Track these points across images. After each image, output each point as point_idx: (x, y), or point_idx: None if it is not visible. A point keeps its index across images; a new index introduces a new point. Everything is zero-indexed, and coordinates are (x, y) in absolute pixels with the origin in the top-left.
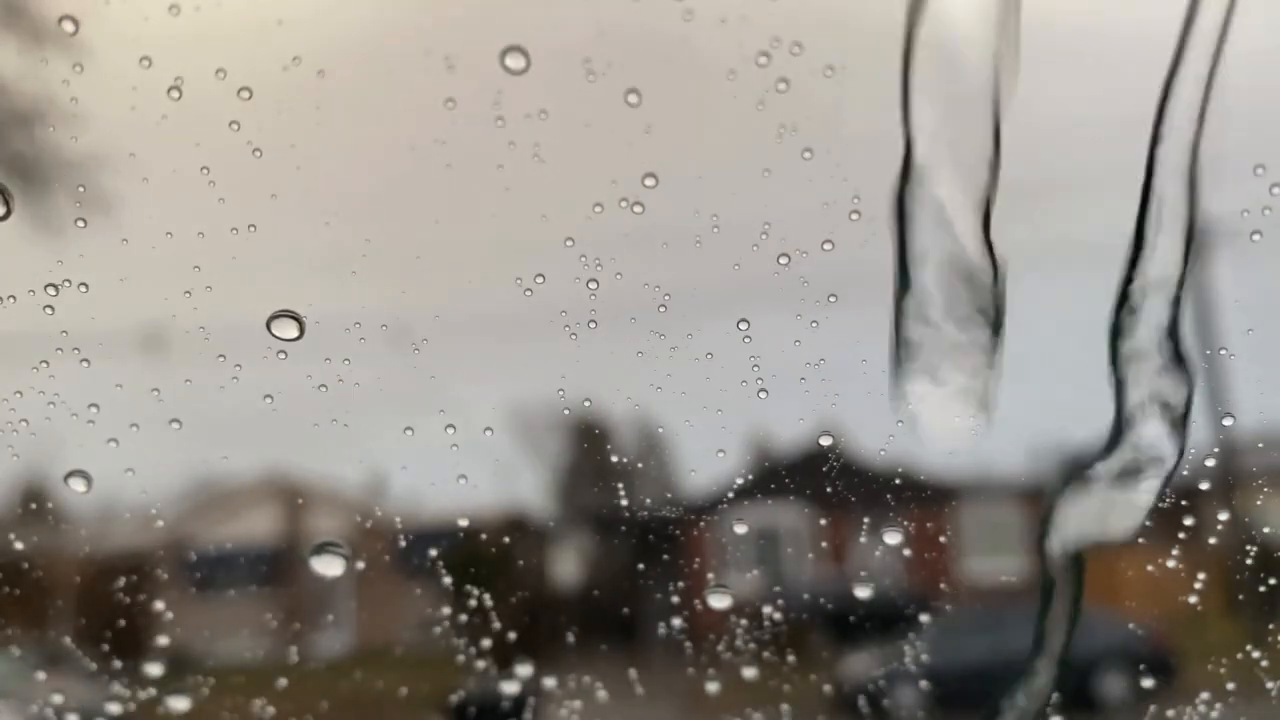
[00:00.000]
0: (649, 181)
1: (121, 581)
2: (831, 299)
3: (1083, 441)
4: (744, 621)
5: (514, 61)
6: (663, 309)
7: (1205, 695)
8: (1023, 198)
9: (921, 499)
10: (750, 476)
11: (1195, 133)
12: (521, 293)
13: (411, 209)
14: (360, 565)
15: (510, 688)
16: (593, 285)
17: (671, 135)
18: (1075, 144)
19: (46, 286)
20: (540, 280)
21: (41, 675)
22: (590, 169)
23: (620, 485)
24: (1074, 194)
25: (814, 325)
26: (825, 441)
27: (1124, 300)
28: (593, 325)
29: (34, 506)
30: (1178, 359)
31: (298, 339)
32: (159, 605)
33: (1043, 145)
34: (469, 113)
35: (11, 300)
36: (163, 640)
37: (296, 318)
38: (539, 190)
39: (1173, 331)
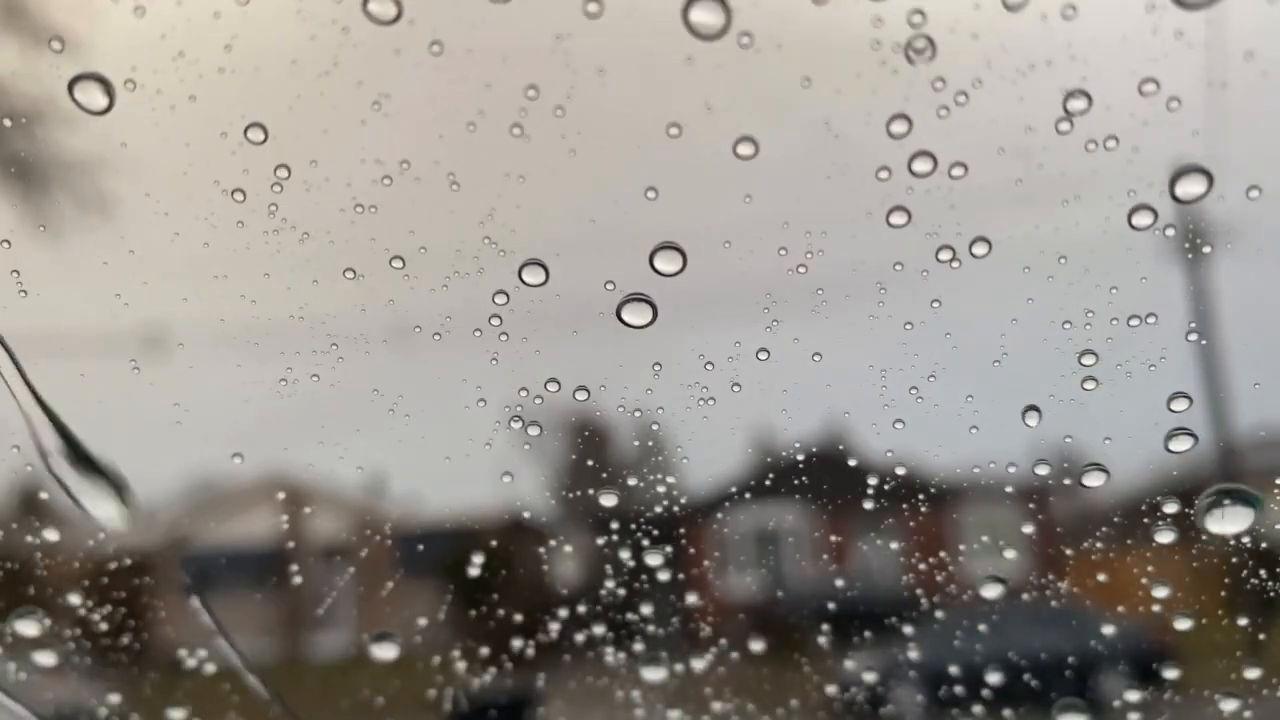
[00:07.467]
0: (651, 183)
1: (121, 581)
2: (836, 299)
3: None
4: (744, 621)
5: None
6: (663, 308)
7: (1204, 695)
8: (1023, 197)
9: (921, 499)
10: (751, 476)
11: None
12: (525, 292)
13: (413, 208)
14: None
15: (510, 687)
16: (594, 285)
17: (680, 141)
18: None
19: (46, 287)
20: (543, 279)
21: (41, 676)
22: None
23: (620, 485)
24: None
25: (817, 325)
26: (827, 441)
27: None
28: (593, 324)
29: (34, 507)
30: None
31: (297, 341)
32: (158, 605)
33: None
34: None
35: (11, 301)
36: (162, 641)
37: (298, 320)
38: (542, 188)
39: None
